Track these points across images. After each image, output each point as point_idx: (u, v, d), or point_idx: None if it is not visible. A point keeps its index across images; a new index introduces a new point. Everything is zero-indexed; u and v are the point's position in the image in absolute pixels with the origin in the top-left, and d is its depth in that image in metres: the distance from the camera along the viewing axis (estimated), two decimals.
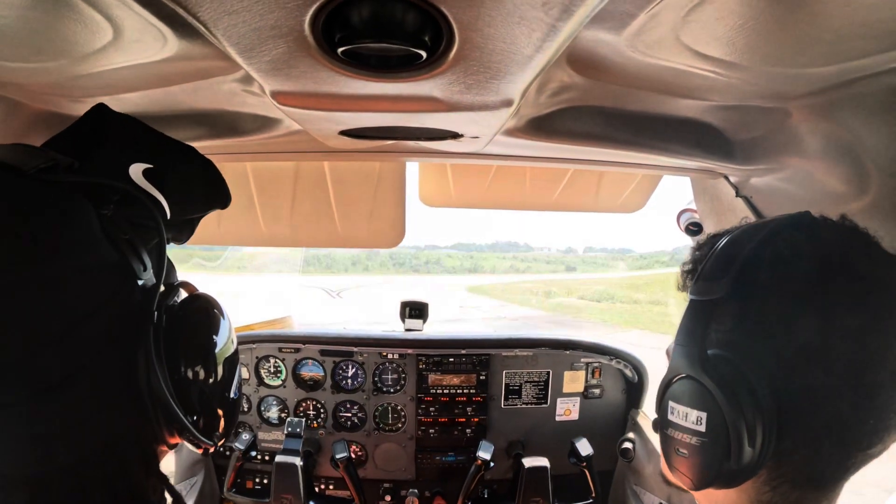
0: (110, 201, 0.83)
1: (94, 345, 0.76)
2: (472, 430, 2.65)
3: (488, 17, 0.68)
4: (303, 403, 2.66)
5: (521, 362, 2.64)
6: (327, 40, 0.75)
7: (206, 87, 1.17)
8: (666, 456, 0.88)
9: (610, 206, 2.60)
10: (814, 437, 0.76)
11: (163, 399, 0.82)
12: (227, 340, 0.96)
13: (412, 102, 1.00)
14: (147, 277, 0.85)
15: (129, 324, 0.81)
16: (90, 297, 0.76)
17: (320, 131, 1.28)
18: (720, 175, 1.67)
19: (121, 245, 0.82)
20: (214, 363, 0.93)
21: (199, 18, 0.69)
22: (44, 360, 0.71)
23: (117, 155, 0.90)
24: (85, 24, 0.81)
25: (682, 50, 0.94)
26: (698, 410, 0.80)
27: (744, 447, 0.75)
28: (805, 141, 1.26)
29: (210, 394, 0.92)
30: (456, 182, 2.49)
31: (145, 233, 0.88)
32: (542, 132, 1.39)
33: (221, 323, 0.96)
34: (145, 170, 0.91)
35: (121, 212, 0.84)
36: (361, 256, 55.17)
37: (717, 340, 0.82)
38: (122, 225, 0.83)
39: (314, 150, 1.63)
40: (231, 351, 0.98)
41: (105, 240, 0.80)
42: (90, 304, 0.75)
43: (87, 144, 0.89)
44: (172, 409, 0.83)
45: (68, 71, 1.01)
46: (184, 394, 0.87)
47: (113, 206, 0.83)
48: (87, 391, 0.76)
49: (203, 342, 0.92)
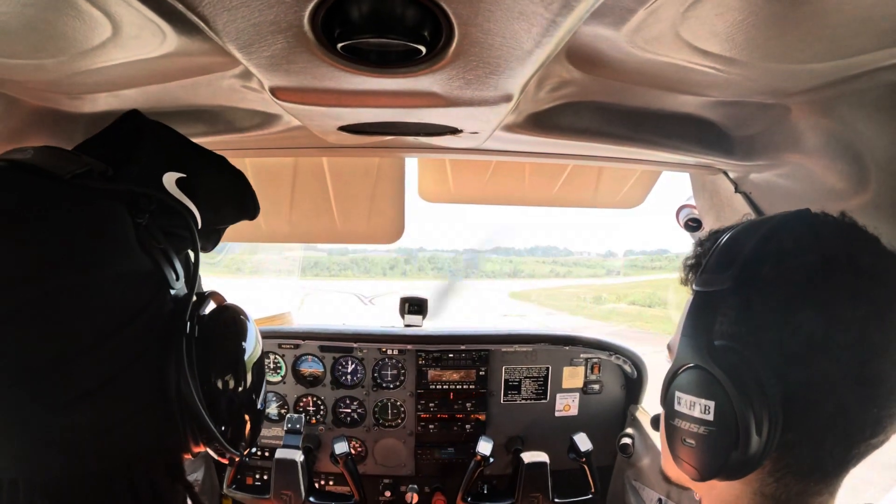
0: (146, 210, 0.83)
1: (127, 353, 0.76)
2: (471, 425, 2.65)
3: (488, 11, 0.68)
4: (302, 399, 2.66)
5: (521, 358, 2.64)
6: (327, 36, 0.74)
7: (205, 83, 1.17)
8: (671, 447, 0.88)
9: (609, 201, 2.60)
10: (818, 427, 0.77)
11: (193, 409, 0.82)
12: (254, 353, 0.96)
13: (411, 98, 1.00)
14: (179, 287, 0.86)
15: (162, 334, 0.81)
16: (125, 305, 0.76)
17: (320, 127, 1.28)
18: (719, 171, 1.67)
19: (155, 254, 0.83)
20: (243, 375, 0.93)
21: (198, 13, 0.69)
22: (79, 367, 0.72)
23: (151, 163, 0.90)
24: (83, 20, 0.81)
25: (681, 46, 0.94)
26: (706, 399, 0.80)
27: (751, 436, 0.76)
28: (804, 137, 1.26)
29: (238, 405, 0.93)
30: (455, 177, 2.49)
31: (177, 242, 0.89)
32: (541, 128, 1.39)
33: (249, 335, 0.96)
34: (178, 179, 0.91)
35: (155, 221, 0.84)
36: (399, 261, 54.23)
37: (723, 332, 0.82)
38: (156, 234, 0.84)
39: (313, 145, 1.63)
40: (258, 363, 0.97)
41: (140, 249, 0.80)
42: (125, 312, 0.76)
43: (121, 151, 0.89)
44: (203, 419, 0.83)
45: (67, 67, 1.01)
46: (214, 404, 0.87)
47: (148, 216, 0.83)
48: (119, 399, 0.76)
49: (232, 355, 0.92)
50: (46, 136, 1.25)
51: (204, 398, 0.84)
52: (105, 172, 0.82)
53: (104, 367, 0.74)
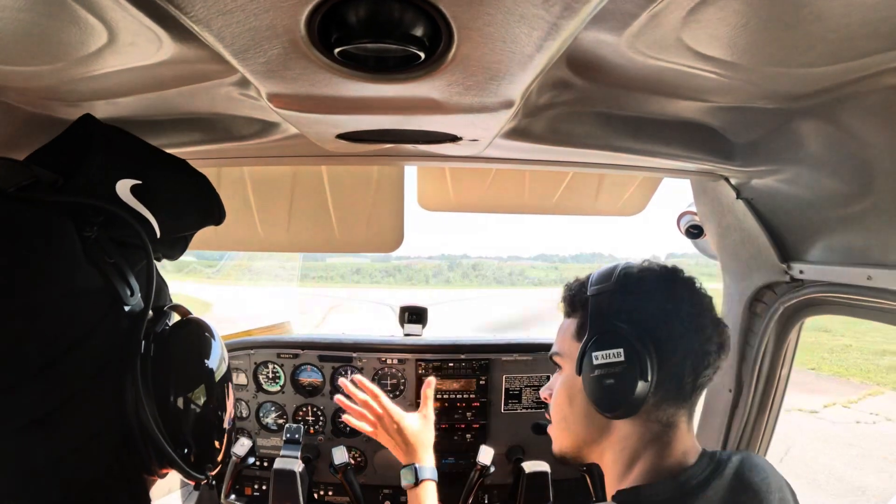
0: (94, 222, 0.80)
1: (79, 376, 0.73)
2: (471, 435, 2.64)
3: (488, 15, 0.67)
4: (301, 409, 2.65)
5: (521, 367, 2.63)
6: (323, 41, 0.73)
7: (202, 90, 1.16)
8: (595, 397, 1.17)
9: (610, 209, 2.59)
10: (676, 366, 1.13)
11: (150, 433, 0.79)
12: (217, 370, 0.92)
13: (410, 104, 0.99)
14: (134, 302, 0.82)
15: (116, 353, 0.78)
16: (74, 325, 0.73)
17: (318, 135, 1.27)
18: (721, 177, 1.66)
19: (105, 269, 0.79)
20: (205, 394, 0.90)
21: (191, 18, 0.68)
22: (27, 393, 0.68)
23: (104, 170, 0.86)
24: (79, 26, 0.80)
25: (683, 50, 0.94)
26: (616, 348, 1.13)
27: (647, 368, 1.10)
28: (806, 142, 1.26)
29: (201, 425, 0.89)
30: (455, 186, 2.48)
31: (133, 253, 0.85)
32: (542, 135, 1.38)
33: (213, 351, 0.93)
34: (133, 186, 0.87)
35: (106, 232, 0.81)
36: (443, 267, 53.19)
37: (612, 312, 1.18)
38: (107, 247, 0.80)
39: (312, 154, 1.62)
40: (222, 380, 0.94)
41: (88, 264, 0.77)
42: (74, 333, 0.73)
43: (72, 159, 0.85)
44: (160, 443, 0.80)
45: (63, 74, 1.00)
46: (174, 426, 0.84)
47: (97, 228, 0.80)
48: (74, 424, 0.73)
49: (192, 373, 0.89)
50: (42, 143, 1.24)
51: (162, 420, 0.82)
52: (55, 183, 0.79)
53: (56, 392, 0.71)
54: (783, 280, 1.66)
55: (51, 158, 0.85)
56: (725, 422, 1.95)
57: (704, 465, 1.15)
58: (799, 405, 12.96)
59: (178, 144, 1.41)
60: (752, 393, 1.86)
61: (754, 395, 1.86)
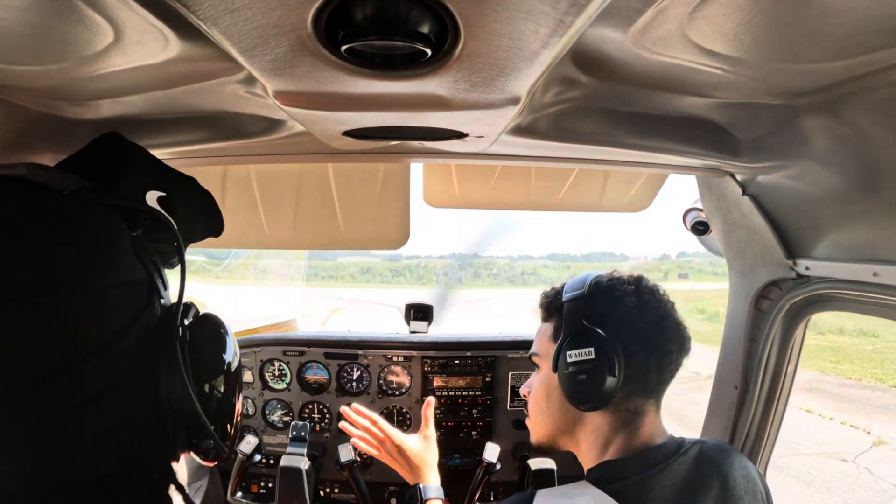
0: (140, 224, 0.88)
1: (127, 357, 0.80)
2: (477, 432, 2.64)
3: (494, 12, 0.67)
4: (307, 407, 2.65)
5: (527, 363, 2.62)
6: (330, 38, 0.74)
7: (208, 88, 1.16)
8: (569, 391, 1.32)
9: (615, 205, 2.59)
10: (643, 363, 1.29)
11: (188, 410, 0.87)
12: (233, 360, 1.01)
13: (417, 101, 0.99)
14: (167, 296, 0.92)
15: (154, 340, 0.85)
16: (125, 312, 0.80)
17: (324, 132, 1.27)
18: (726, 173, 1.66)
19: (147, 265, 0.87)
20: (225, 378, 0.97)
21: (199, 17, 0.68)
22: (85, 371, 0.74)
23: (136, 182, 0.94)
24: (85, 25, 0.81)
25: (688, 47, 0.93)
26: (588, 347, 1.28)
27: (615, 364, 1.25)
28: (812, 138, 1.26)
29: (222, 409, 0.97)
30: (460, 182, 2.48)
31: (163, 255, 0.94)
32: (547, 131, 1.38)
33: (229, 344, 1.01)
34: (159, 197, 0.96)
35: (146, 234, 0.89)
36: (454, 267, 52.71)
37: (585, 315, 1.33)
38: (147, 246, 0.89)
39: (318, 151, 1.63)
40: (237, 371, 1.02)
41: (137, 259, 0.85)
42: (125, 319, 0.80)
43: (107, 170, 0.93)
44: (201, 418, 0.88)
45: (69, 74, 1.00)
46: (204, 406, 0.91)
47: (141, 229, 0.88)
48: (120, 402, 0.79)
49: (217, 360, 0.97)
50: (49, 142, 1.24)
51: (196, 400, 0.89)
52: (94, 190, 0.85)
53: (110, 371, 0.77)
54: (789, 276, 1.66)
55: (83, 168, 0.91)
56: (732, 418, 1.94)
57: (670, 446, 1.31)
58: None
59: (184, 143, 1.42)
60: (759, 389, 1.85)
61: (760, 391, 1.86)
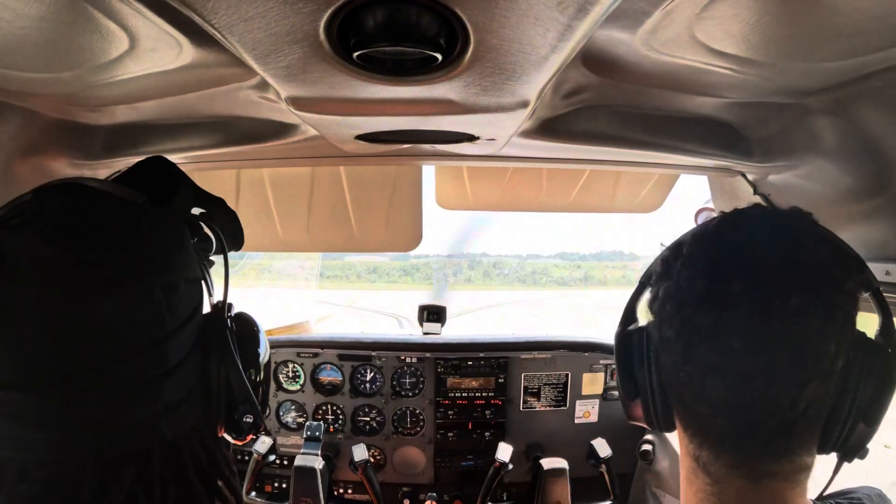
0: (196, 234, 1.01)
1: (188, 342, 0.90)
2: (490, 432, 2.64)
3: (503, 18, 0.68)
4: (321, 408, 2.67)
5: (540, 365, 2.62)
6: (342, 45, 0.75)
7: (222, 94, 1.18)
8: None
9: (627, 206, 2.58)
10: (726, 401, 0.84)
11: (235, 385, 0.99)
12: (265, 353, 1.12)
13: (428, 105, 1.01)
14: (215, 294, 1.03)
15: (206, 331, 0.96)
16: (189, 304, 0.91)
17: (337, 136, 1.28)
18: (738, 173, 1.65)
19: (203, 267, 0.99)
20: (261, 368, 1.09)
21: (214, 25, 0.70)
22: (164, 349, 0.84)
23: (184, 200, 1.06)
24: (101, 33, 0.82)
25: (697, 47, 0.94)
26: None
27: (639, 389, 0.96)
28: (823, 137, 1.25)
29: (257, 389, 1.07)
30: (472, 185, 2.49)
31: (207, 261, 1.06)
32: (558, 133, 1.38)
33: (261, 336, 1.12)
34: (201, 213, 1.08)
35: (199, 243, 1.01)
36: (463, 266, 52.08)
37: None
38: (200, 253, 1.00)
39: (330, 155, 1.64)
40: (268, 363, 1.14)
41: (197, 262, 0.96)
42: (188, 309, 0.91)
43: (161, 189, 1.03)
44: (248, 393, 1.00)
45: (85, 81, 1.03)
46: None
47: (197, 239, 1.01)
48: (184, 379, 0.89)
49: (255, 351, 1.08)
50: (65, 148, 1.27)
51: None
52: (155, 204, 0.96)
53: (179, 351, 0.87)
54: None
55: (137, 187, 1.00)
56: None
57: None
58: None
59: (198, 147, 1.44)
60: None
61: None
